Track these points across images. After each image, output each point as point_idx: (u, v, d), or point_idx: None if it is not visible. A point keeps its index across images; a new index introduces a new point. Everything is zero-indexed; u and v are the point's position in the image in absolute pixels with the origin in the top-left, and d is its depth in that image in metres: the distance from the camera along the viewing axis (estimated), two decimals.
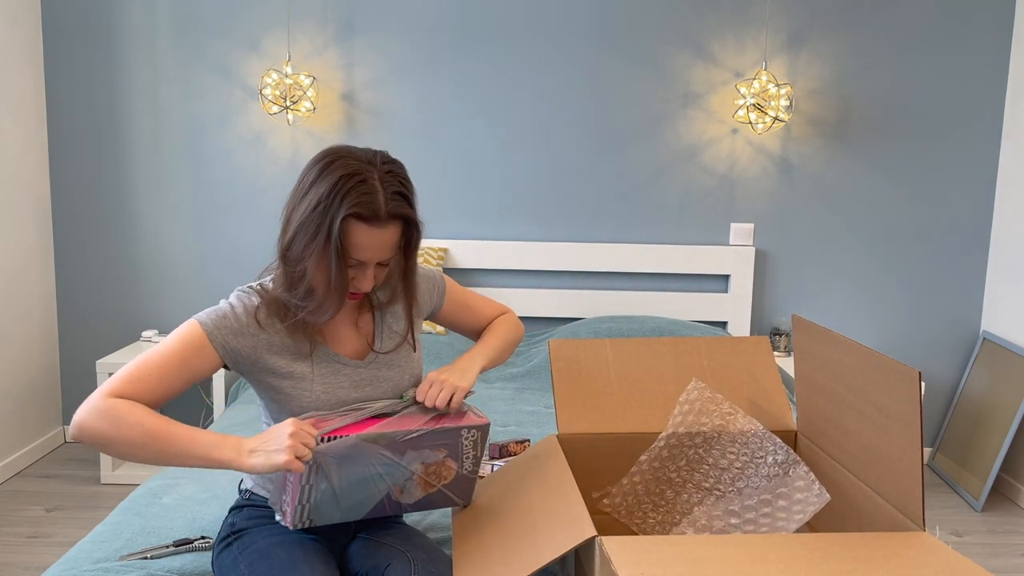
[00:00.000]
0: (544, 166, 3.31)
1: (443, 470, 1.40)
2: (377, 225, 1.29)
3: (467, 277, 3.35)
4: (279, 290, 1.37)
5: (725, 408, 1.50)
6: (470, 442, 1.39)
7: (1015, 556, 2.66)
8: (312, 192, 1.29)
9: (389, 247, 1.33)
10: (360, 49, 3.26)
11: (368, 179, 1.28)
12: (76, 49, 3.26)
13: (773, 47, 3.24)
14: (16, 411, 3.15)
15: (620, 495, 1.53)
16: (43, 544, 2.58)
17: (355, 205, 1.26)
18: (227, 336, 1.34)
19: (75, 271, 3.38)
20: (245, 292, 1.39)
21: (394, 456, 1.33)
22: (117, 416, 1.23)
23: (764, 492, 1.32)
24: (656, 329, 2.98)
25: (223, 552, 1.42)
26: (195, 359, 1.31)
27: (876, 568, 1.04)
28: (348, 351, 1.45)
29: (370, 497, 1.37)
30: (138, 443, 1.23)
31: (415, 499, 1.42)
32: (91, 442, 1.24)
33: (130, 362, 1.30)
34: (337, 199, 1.27)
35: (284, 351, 1.38)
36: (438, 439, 1.36)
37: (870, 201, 3.31)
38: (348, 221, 1.28)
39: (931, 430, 3.44)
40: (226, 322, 1.34)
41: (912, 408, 1.15)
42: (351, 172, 1.28)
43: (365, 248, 1.30)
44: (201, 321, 1.33)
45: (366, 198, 1.27)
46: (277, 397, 1.40)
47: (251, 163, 3.31)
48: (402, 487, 1.38)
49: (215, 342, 1.33)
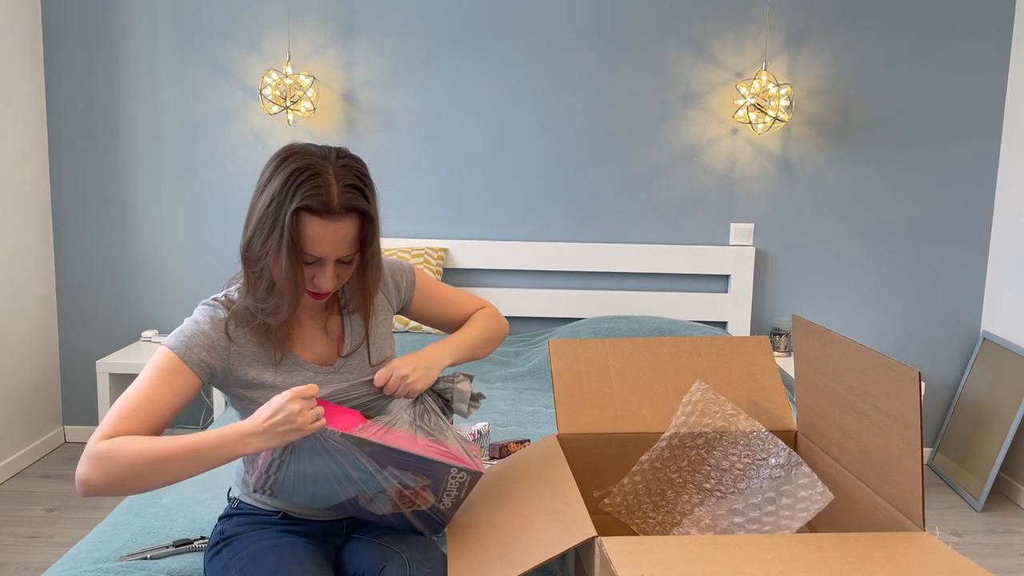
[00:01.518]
0: (544, 166, 3.31)
1: (418, 498, 1.36)
2: (330, 218, 1.27)
3: (467, 277, 3.35)
4: (243, 295, 1.36)
5: (727, 409, 1.50)
6: (456, 482, 1.35)
7: (1015, 556, 2.66)
8: (267, 190, 1.29)
9: (345, 243, 1.31)
10: (360, 49, 3.26)
11: (322, 172, 1.27)
12: (76, 49, 3.26)
13: (773, 47, 3.24)
14: (16, 411, 3.15)
15: (621, 495, 1.53)
16: (43, 544, 2.58)
17: (306, 198, 1.25)
18: (200, 353, 1.32)
19: (75, 271, 3.38)
20: (210, 306, 1.38)
21: (373, 467, 1.30)
22: (110, 455, 1.20)
23: (768, 491, 1.32)
24: (656, 329, 2.99)
25: (214, 559, 1.41)
26: (175, 384, 1.29)
27: (876, 568, 1.04)
28: (317, 357, 1.44)
29: (337, 494, 1.34)
30: (143, 473, 1.20)
31: (382, 512, 1.39)
32: (100, 491, 1.20)
33: (113, 405, 1.27)
34: (289, 193, 1.26)
35: (255, 361, 1.38)
36: (425, 467, 1.31)
37: (870, 201, 3.31)
38: (300, 215, 1.26)
39: (931, 430, 3.44)
40: (196, 340, 1.33)
41: (912, 408, 1.15)
42: (304, 166, 1.27)
43: (319, 242, 1.28)
44: (171, 346, 1.32)
45: (318, 191, 1.26)
46: (250, 407, 1.38)
47: (251, 163, 3.31)
48: (373, 496, 1.35)
49: (190, 362, 1.31)
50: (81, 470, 1.20)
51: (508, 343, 3.22)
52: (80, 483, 1.20)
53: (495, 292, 3.31)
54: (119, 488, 1.20)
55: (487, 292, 3.31)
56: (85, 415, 3.45)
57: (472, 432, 1.96)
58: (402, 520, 1.41)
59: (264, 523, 1.44)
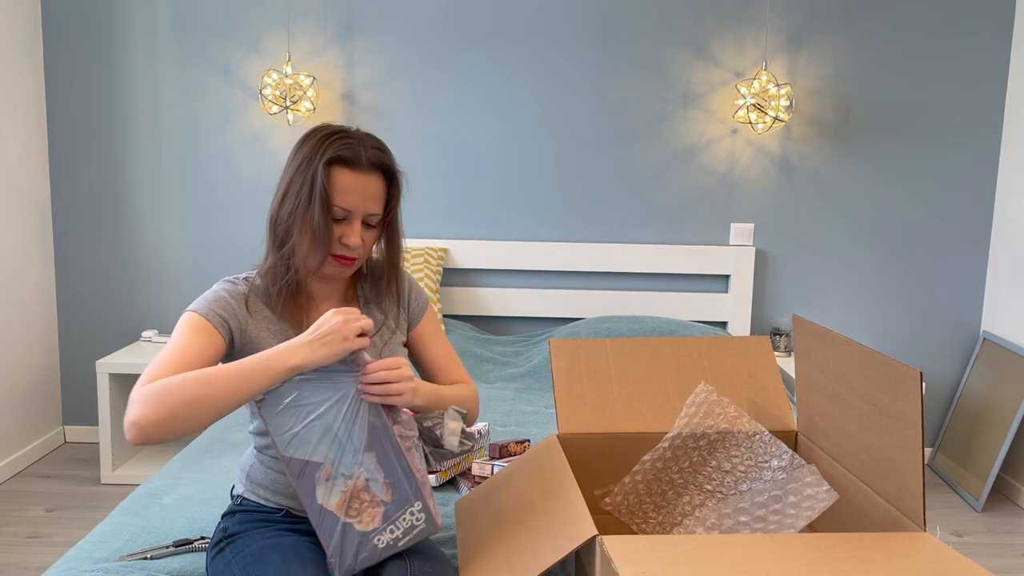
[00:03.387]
0: (544, 166, 3.31)
1: (363, 515, 1.27)
2: (359, 171, 1.36)
3: (467, 277, 3.35)
4: (266, 265, 1.41)
5: (731, 411, 1.50)
6: (409, 521, 1.28)
7: (1015, 556, 2.66)
8: (297, 156, 1.38)
9: (372, 198, 1.38)
10: (360, 49, 3.26)
11: (350, 134, 1.39)
12: (76, 49, 3.26)
13: (773, 47, 3.24)
14: (16, 411, 3.15)
15: (622, 494, 1.53)
16: (43, 544, 2.58)
17: (337, 150, 1.35)
18: (222, 313, 1.37)
19: (75, 271, 3.38)
20: (231, 282, 1.43)
21: (362, 441, 1.25)
22: (160, 389, 1.17)
23: (773, 490, 1.32)
24: (656, 329, 2.99)
25: (216, 557, 1.41)
26: (203, 340, 1.32)
27: (876, 568, 1.04)
28: None
29: (312, 447, 1.26)
30: (193, 398, 1.16)
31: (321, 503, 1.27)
32: (153, 429, 1.15)
33: (148, 364, 1.26)
34: (320, 149, 1.35)
35: (269, 339, 1.39)
36: (401, 480, 1.26)
37: (870, 201, 3.31)
38: (331, 167, 1.35)
39: (931, 430, 3.44)
40: (218, 303, 1.37)
41: (913, 408, 1.15)
42: (333, 131, 1.39)
43: (349, 192, 1.35)
44: (194, 308, 1.36)
45: (348, 145, 1.36)
46: None
47: (251, 163, 3.31)
48: (333, 477, 1.26)
49: (213, 321, 1.35)
50: (131, 413, 1.16)
51: (508, 343, 3.22)
52: (131, 425, 1.15)
53: (495, 292, 3.31)
54: (172, 421, 1.16)
55: (487, 292, 3.31)
56: (85, 415, 3.45)
57: (473, 432, 1.96)
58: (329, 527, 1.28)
59: (267, 521, 1.44)
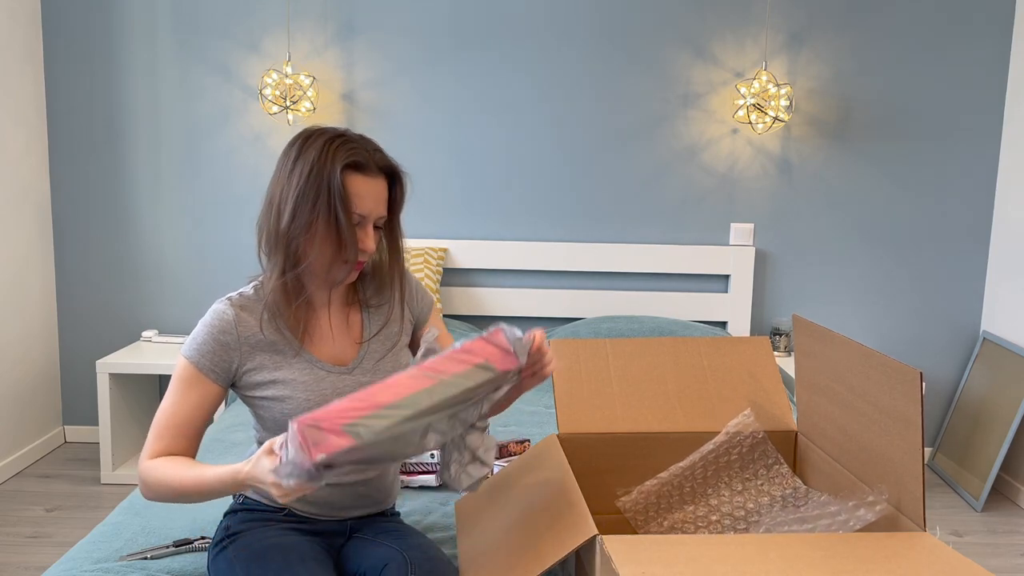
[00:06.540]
0: (544, 166, 3.31)
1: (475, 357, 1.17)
2: (370, 175, 1.35)
3: (467, 277, 3.35)
4: (273, 284, 1.36)
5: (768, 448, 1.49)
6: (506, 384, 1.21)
7: (1015, 556, 2.66)
8: (299, 165, 1.33)
9: (382, 201, 1.38)
10: (360, 49, 3.26)
11: (351, 138, 1.36)
12: (76, 49, 3.26)
13: (773, 47, 3.24)
14: (16, 411, 3.15)
15: (637, 498, 1.52)
16: (43, 544, 2.58)
17: (348, 156, 1.32)
18: (212, 358, 1.36)
19: (75, 271, 3.38)
20: (223, 304, 1.39)
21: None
22: (147, 482, 1.31)
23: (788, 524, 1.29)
24: (656, 329, 2.98)
25: (218, 556, 1.41)
26: (196, 394, 1.35)
27: (876, 568, 1.04)
28: (331, 356, 1.44)
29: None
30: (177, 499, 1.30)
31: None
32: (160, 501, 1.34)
33: (153, 419, 1.36)
34: (329, 158, 1.32)
35: (267, 360, 1.38)
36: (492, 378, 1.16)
37: (870, 201, 3.31)
38: (346, 173, 1.33)
39: (931, 430, 3.44)
40: (207, 345, 1.36)
41: (913, 408, 1.15)
42: (333, 135, 1.35)
43: (364, 197, 1.34)
44: (187, 356, 1.36)
45: (356, 150, 1.34)
46: (262, 404, 1.39)
47: (251, 163, 3.31)
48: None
49: (204, 369, 1.35)
50: (139, 487, 1.35)
51: None
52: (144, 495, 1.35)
53: (495, 292, 3.31)
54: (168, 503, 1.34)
55: (487, 292, 3.31)
56: (85, 415, 3.45)
57: None
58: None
59: (269, 520, 1.45)
